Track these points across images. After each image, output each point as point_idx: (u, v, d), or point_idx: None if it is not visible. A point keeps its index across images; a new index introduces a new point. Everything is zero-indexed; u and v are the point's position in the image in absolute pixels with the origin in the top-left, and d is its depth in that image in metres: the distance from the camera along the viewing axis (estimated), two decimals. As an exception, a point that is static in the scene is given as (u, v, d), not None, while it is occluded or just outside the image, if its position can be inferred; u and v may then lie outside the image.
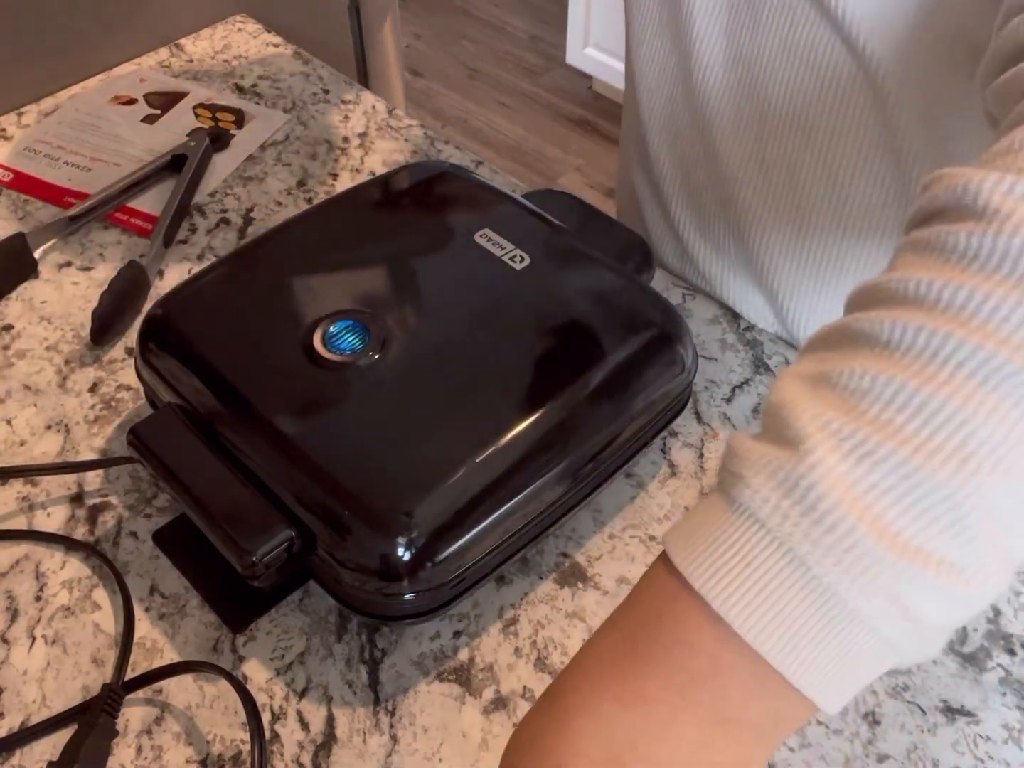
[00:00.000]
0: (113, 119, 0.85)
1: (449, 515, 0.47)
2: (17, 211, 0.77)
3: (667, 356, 0.55)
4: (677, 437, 0.62)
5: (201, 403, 0.52)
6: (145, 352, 0.55)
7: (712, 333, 0.68)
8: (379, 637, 0.52)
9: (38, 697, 0.49)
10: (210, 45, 0.95)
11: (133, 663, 0.50)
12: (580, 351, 0.54)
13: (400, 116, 0.87)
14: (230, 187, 0.79)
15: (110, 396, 0.63)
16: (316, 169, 0.81)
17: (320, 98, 0.89)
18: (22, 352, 0.66)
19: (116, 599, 0.53)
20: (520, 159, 2.38)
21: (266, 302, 0.56)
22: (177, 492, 0.49)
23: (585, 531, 0.57)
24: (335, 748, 0.48)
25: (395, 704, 0.49)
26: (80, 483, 0.58)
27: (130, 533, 0.56)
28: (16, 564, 0.54)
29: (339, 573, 0.47)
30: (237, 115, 0.86)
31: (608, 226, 0.66)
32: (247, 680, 0.50)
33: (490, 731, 0.48)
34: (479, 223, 0.60)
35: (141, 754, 0.47)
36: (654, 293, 0.58)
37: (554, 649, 0.51)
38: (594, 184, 2.30)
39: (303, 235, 0.60)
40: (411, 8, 2.87)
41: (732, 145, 0.63)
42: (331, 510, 0.47)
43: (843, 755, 0.48)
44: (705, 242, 0.70)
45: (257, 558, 0.46)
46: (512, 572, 0.55)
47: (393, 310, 0.55)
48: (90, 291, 0.70)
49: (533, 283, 0.57)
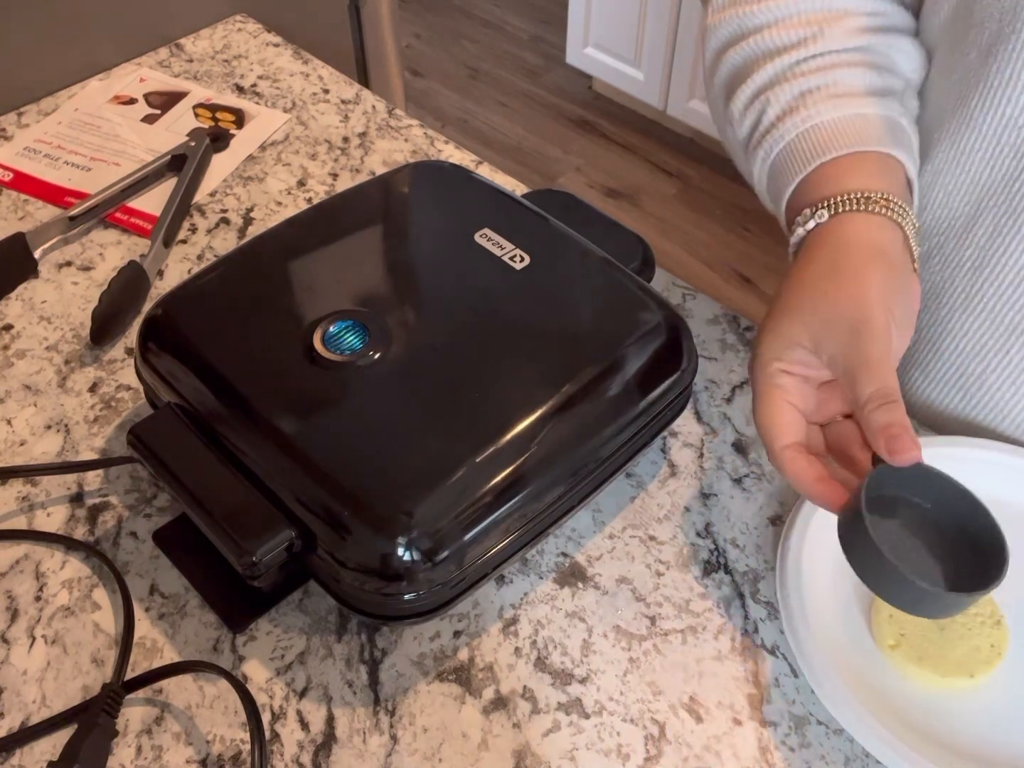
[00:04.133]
0: (113, 119, 0.85)
1: (449, 515, 0.47)
2: (17, 211, 0.77)
3: (667, 356, 0.56)
4: (677, 437, 0.62)
5: (201, 403, 0.52)
6: (145, 352, 0.55)
7: (712, 333, 0.68)
8: (379, 637, 0.52)
9: (38, 697, 0.49)
10: (210, 45, 0.95)
11: (133, 663, 0.50)
12: (580, 351, 0.54)
13: (400, 116, 0.87)
14: (230, 187, 0.79)
15: (110, 396, 0.63)
16: (316, 169, 0.81)
17: (320, 98, 0.89)
18: (22, 352, 0.66)
19: (116, 599, 0.53)
20: (520, 159, 2.38)
21: (266, 302, 0.56)
22: (177, 492, 0.49)
23: (585, 531, 0.57)
24: (335, 748, 0.48)
25: (395, 704, 0.49)
26: (80, 483, 0.58)
27: (130, 533, 0.56)
28: (16, 564, 0.54)
29: (339, 573, 0.47)
30: (237, 115, 0.86)
31: (608, 226, 0.66)
32: (247, 680, 0.50)
33: (490, 731, 0.49)
34: (479, 223, 0.60)
35: (141, 754, 0.47)
36: (654, 293, 0.58)
37: (554, 649, 0.52)
38: (594, 184, 2.30)
39: (303, 235, 0.60)
40: (411, 8, 2.87)
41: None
42: (331, 510, 0.47)
43: (843, 755, 0.48)
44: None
45: (257, 558, 0.46)
46: (512, 572, 0.55)
47: (393, 310, 0.55)
48: (90, 291, 0.70)
49: (533, 283, 0.57)
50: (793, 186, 0.54)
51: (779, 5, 0.57)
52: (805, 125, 0.54)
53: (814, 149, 0.53)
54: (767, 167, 0.57)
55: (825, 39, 0.55)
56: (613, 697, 0.50)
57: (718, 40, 0.60)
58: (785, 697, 0.50)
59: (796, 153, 0.54)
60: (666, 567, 0.55)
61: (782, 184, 0.55)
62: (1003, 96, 0.52)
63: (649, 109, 2.41)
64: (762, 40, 0.57)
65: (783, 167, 0.55)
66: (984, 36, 0.52)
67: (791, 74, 0.56)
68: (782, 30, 0.57)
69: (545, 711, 0.49)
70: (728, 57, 0.59)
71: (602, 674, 0.51)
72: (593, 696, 0.50)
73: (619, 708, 0.49)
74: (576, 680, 0.50)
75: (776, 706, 0.49)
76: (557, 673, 0.51)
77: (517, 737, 0.48)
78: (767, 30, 0.57)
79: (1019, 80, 0.50)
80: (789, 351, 0.47)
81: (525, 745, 0.48)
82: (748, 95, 0.58)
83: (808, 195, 0.52)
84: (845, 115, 0.53)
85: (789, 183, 0.54)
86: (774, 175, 0.56)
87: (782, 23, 0.57)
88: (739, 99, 0.58)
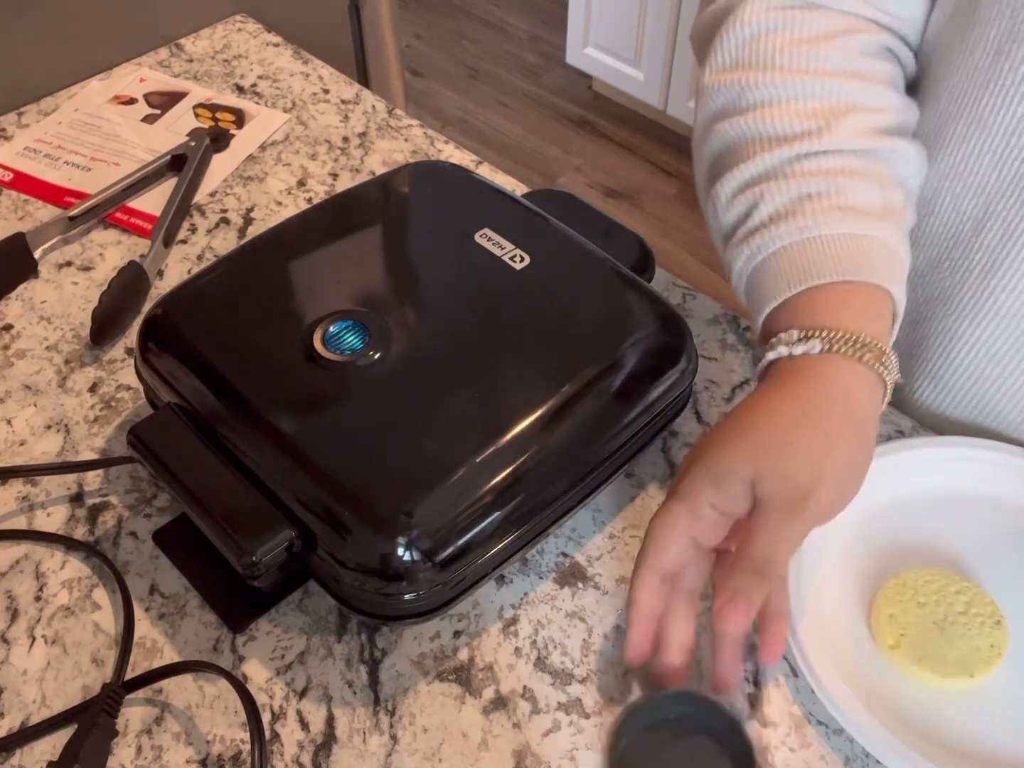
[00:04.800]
0: (113, 119, 0.85)
1: (449, 515, 0.47)
2: (17, 211, 0.77)
3: (667, 356, 0.56)
4: (677, 437, 0.62)
5: (201, 403, 0.52)
6: (145, 352, 0.55)
7: (712, 333, 0.68)
8: (379, 637, 0.52)
9: (38, 697, 0.49)
10: (210, 45, 0.95)
11: (133, 663, 0.50)
12: (580, 351, 0.54)
13: (400, 116, 0.87)
14: (230, 187, 0.79)
15: (110, 396, 0.63)
16: (316, 169, 0.81)
17: (320, 98, 0.89)
18: (22, 352, 0.66)
19: (116, 599, 0.53)
20: (520, 159, 2.38)
21: (266, 302, 0.56)
22: (177, 492, 0.49)
23: (585, 531, 0.57)
24: (335, 748, 0.48)
25: (395, 704, 0.49)
26: (80, 483, 0.58)
27: (130, 533, 0.56)
28: (16, 564, 0.54)
29: (339, 573, 0.47)
30: (237, 115, 0.86)
31: (608, 226, 0.66)
32: (247, 680, 0.50)
33: (490, 731, 0.49)
34: (479, 223, 0.60)
35: (141, 754, 0.47)
36: (654, 293, 0.58)
37: (554, 649, 0.52)
38: (594, 184, 2.30)
39: (303, 235, 0.60)
40: (411, 8, 2.87)
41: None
42: (331, 510, 0.47)
43: (843, 755, 0.48)
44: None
45: (257, 558, 0.46)
46: (512, 572, 0.55)
47: (393, 310, 0.55)
48: (90, 291, 0.70)
49: (533, 283, 0.57)
50: (780, 300, 0.51)
51: (784, 82, 0.53)
52: (803, 235, 0.50)
53: (810, 266, 0.50)
54: (751, 267, 0.53)
55: (832, 135, 0.52)
56: (613, 697, 0.50)
57: (715, 105, 0.56)
58: (785, 697, 0.50)
59: (790, 264, 0.51)
60: (666, 567, 0.55)
61: (767, 293, 0.52)
62: (1016, 95, 0.51)
63: (649, 109, 2.41)
64: (762, 121, 0.53)
65: (771, 274, 0.52)
66: (992, 34, 0.51)
67: (791, 171, 0.52)
68: (785, 115, 0.53)
69: (545, 711, 0.49)
70: (722, 128, 0.55)
71: (602, 674, 0.51)
72: (593, 696, 0.50)
73: (619, 708, 0.49)
74: (576, 680, 0.50)
75: (776, 706, 0.49)
76: (557, 673, 0.51)
77: (517, 737, 0.48)
78: (768, 110, 0.53)
79: None
80: (730, 484, 0.45)
81: (525, 745, 0.48)
82: (739, 183, 0.54)
83: (796, 315, 0.50)
84: (847, 233, 0.50)
85: (776, 295, 0.51)
86: (759, 279, 0.53)
87: (785, 105, 0.53)
88: (728, 184, 0.54)
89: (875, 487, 0.56)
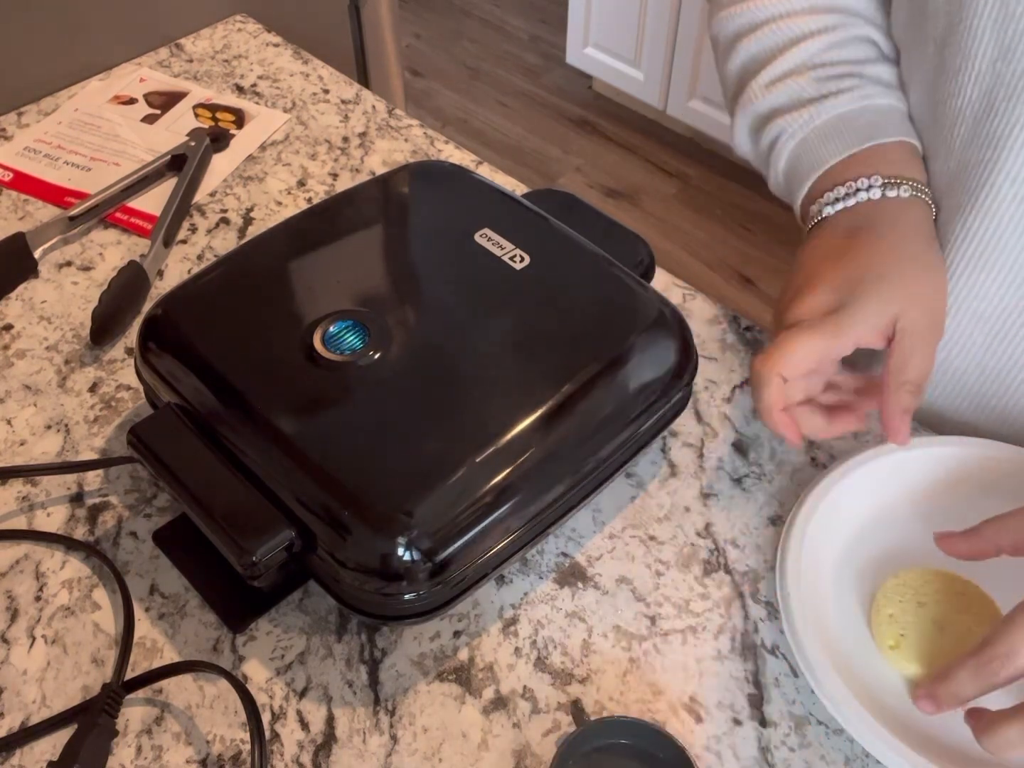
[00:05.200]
0: (113, 119, 0.85)
1: (449, 515, 0.47)
2: (17, 211, 0.77)
3: (667, 356, 0.56)
4: (677, 437, 0.62)
5: (201, 403, 0.52)
6: (145, 352, 0.55)
7: (712, 333, 0.68)
8: (379, 637, 0.52)
9: (38, 697, 0.49)
10: (210, 45, 0.95)
11: (133, 663, 0.50)
12: (580, 351, 0.54)
13: (400, 116, 0.87)
14: (230, 187, 0.79)
15: (110, 396, 0.63)
16: (316, 169, 0.81)
17: (320, 98, 0.89)
18: (22, 352, 0.66)
19: (116, 599, 0.53)
20: (520, 159, 2.38)
21: (266, 302, 0.56)
22: (177, 492, 0.49)
23: (585, 531, 0.57)
24: (335, 748, 0.48)
25: (395, 704, 0.49)
26: (80, 483, 0.58)
27: (130, 533, 0.56)
28: (16, 564, 0.55)
29: (339, 573, 0.47)
30: (237, 115, 0.86)
31: (608, 226, 0.66)
32: (247, 680, 0.50)
33: (490, 731, 0.49)
34: (479, 223, 0.60)
35: (141, 754, 0.47)
36: (654, 293, 0.58)
37: (554, 649, 0.52)
38: (594, 184, 2.30)
39: (303, 235, 0.60)
40: (411, 8, 2.87)
41: None
42: (331, 510, 0.47)
43: (843, 755, 0.48)
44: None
45: (257, 558, 0.46)
46: (512, 572, 0.55)
47: (393, 310, 0.55)
48: (90, 291, 0.70)
49: (533, 283, 0.57)
50: (848, 154, 0.56)
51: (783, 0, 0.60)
52: (864, 103, 0.57)
53: (872, 127, 0.57)
54: (808, 128, 0.58)
55: (847, 29, 0.59)
56: (613, 697, 0.50)
57: (731, 30, 0.63)
58: (785, 697, 0.50)
59: (849, 124, 0.57)
60: (666, 567, 0.55)
61: (829, 150, 0.57)
62: (955, 85, 0.54)
63: (649, 109, 2.41)
64: (779, 30, 0.60)
65: (833, 134, 0.58)
66: (939, 29, 0.54)
67: (827, 59, 0.59)
68: (800, 20, 0.60)
69: (545, 711, 0.49)
70: (744, 44, 0.62)
71: (602, 674, 0.51)
72: (593, 696, 0.50)
73: (619, 708, 0.49)
74: (576, 680, 0.50)
75: (776, 706, 0.49)
76: (557, 673, 0.51)
77: (517, 737, 0.48)
78: (782, 20, 0.60)
79: (969, 69, 0.53)
80: (877, 318, 0.51)
81: (525, 745, 0.48)
82: (776, 74, 0.60)
83: (868, 166, 0.56)
84: (894, 104, 0.58)
85: (843, 149, 0.57)
86: (818, 140, 0.58)
87: (796, 15, 0.60)
88: (764, 77, 0.61)
89: (875, 487, 0.56)
